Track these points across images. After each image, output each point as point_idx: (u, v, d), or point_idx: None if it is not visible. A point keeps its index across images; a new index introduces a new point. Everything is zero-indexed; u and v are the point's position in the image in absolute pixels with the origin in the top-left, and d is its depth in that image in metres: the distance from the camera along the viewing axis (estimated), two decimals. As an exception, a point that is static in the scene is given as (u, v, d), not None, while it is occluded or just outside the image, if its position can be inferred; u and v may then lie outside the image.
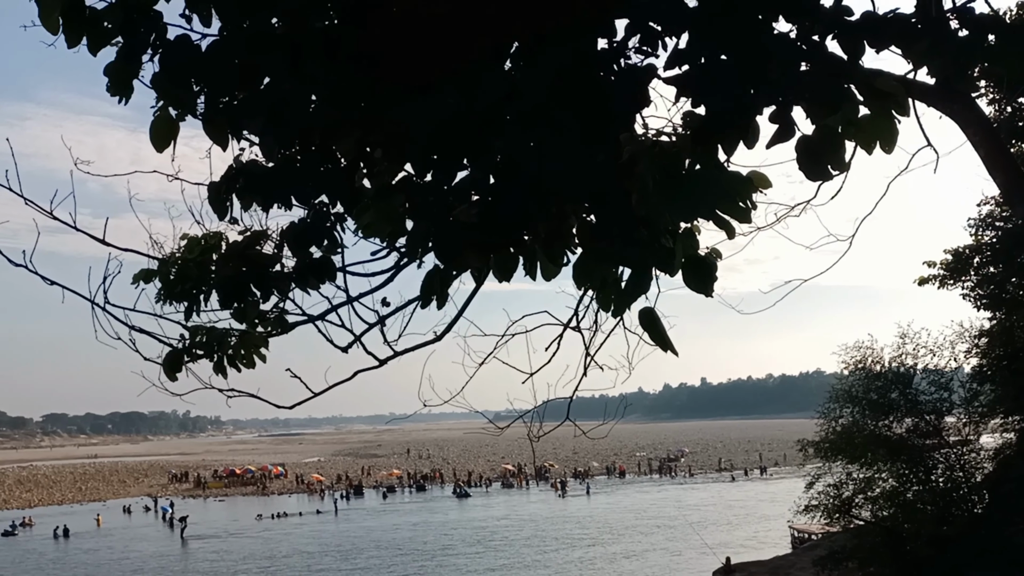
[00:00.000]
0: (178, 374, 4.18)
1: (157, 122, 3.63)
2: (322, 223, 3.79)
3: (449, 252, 3.31)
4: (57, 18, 3.41)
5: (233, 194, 3.73)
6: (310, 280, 3.95)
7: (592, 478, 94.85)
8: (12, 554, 55.50)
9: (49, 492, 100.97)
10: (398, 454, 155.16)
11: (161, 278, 4.11)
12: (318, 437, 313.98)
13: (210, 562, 50.47)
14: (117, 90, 3.54)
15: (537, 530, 57.52)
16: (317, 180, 3.57)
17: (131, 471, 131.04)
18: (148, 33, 3.40)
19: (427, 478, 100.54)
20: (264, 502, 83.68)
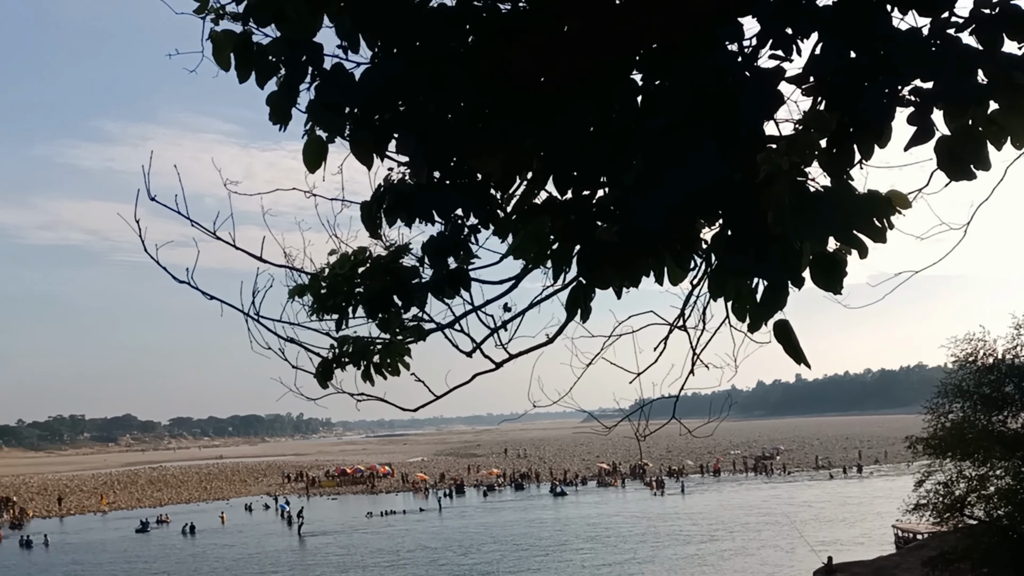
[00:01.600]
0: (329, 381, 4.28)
1: (309, 144, 3.71)
2: (458, 236, 3.86)
3: (592, 271, 3.33)
4: (229, 55, 3.57)
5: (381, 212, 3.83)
6: (446, 290, 4.04)
7: (686, 476, 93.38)
8: (146, 550, 57.38)
9: (177, 491, 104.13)
10: (496, 454, 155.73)
11: (312, 292, 4.22)
12: (421, 438, 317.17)
13: (327, 556, 51.43)
14: (277, 118, 3.65)
15: (648, 527, 56.98)
16: (458, 196, 3.66)
17: (251, 471, 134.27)
18: (307, 64, 3.51)
19: (525, 477, 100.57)
20: (373, 500, 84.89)
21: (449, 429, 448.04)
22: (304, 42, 3.50)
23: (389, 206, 3.78)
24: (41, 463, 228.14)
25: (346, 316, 4.18)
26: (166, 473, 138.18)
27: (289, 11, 3.43)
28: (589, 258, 3.31)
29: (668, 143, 3.09)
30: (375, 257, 4.16)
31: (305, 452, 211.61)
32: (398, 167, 3.80)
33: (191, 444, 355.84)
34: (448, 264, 3.97)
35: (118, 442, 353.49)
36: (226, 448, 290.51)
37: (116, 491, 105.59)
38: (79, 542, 62.61)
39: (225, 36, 3.58)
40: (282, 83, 3.58)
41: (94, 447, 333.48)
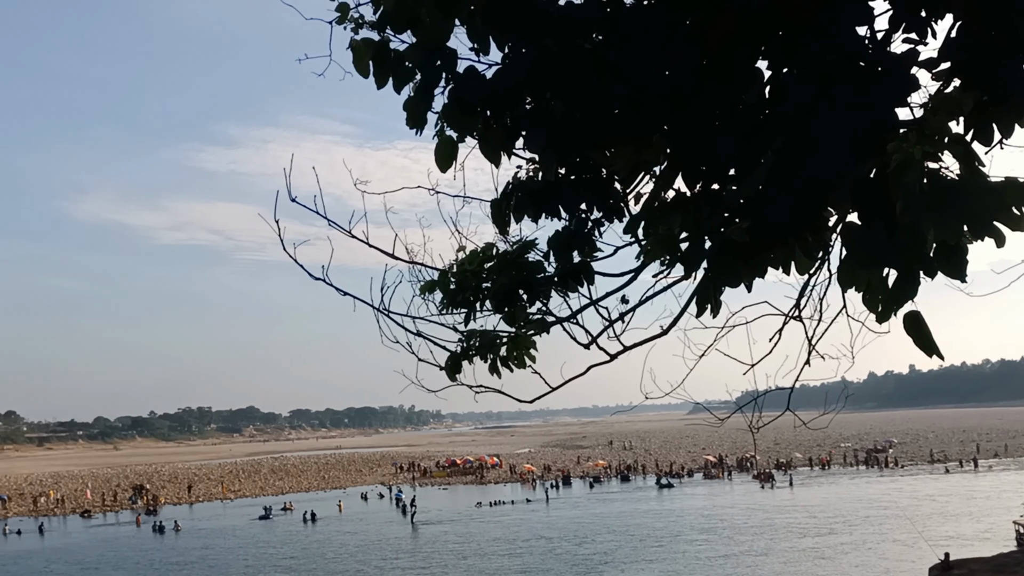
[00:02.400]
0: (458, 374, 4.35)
1: (441, 145, 3.77)
2: (582, 230, 3.90)
3: (723, 269, 3.29)
4: (368, 62, 3.65)
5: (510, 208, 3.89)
6: (570, 283, 4.07)
7: (795, 469, 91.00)
8: (271, 536, 59.05)
9: (298, 480, 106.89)
10: (601, 445, 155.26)
11: (442, 287, 4.29)
12: (527, 429, 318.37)
13: (445, 544, 51.91)
14: (414, 123, 3.70)
15: (763, 519, 55.91)
16: (584, 191, 3.68)
17: (366, 461, 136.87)
18: (441, 68, 3.56)
19: (631, 468, 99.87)
20: (482, 490, 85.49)
21: (555, 421, 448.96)
22: (438, 47, 3.54)
23: (517, 202, 3.83)
24: (171, 452, 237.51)
25: (474, 310, 4.24)
26: (286, 463, 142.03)
27: (423, 17, 3.49)
28: (720, 257, 3.27)
29: (799, 132, 3.00)
30: (502, 253, 4.20)
31: (416, 443, 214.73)
32: (526, 164, 3.84)
33: (309, 435, 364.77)
34: (573, 258, 4.00)
35: (242, 433, 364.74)
36: (342, 439, 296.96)
37: (240, 480, 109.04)
38: (207, 528, 64.83)
39: (364, 44, 3.67)
40: (417, 88, 3.64)
41: (220, 438, 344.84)
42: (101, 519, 75.96)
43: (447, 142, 3.76)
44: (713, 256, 3.31)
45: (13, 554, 55.32)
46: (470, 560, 46.12)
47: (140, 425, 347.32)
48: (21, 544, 60.34)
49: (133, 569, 47.81)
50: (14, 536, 64.02)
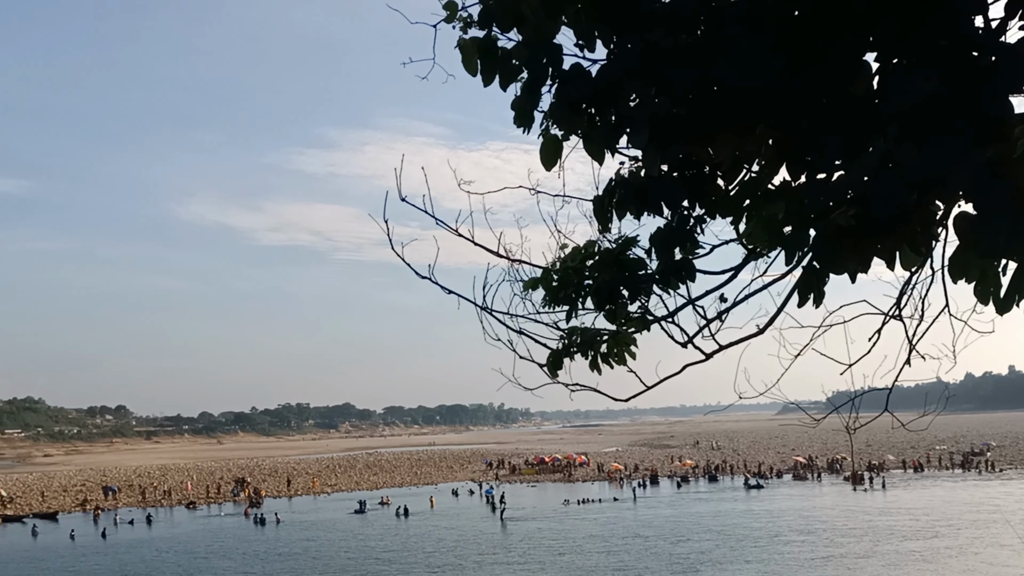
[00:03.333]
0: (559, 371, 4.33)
1: (546, 144, 3.74)
2: (684, 226, 3.83)
3: (828, 255, 3.19)
4: (475, 61, 3.64)
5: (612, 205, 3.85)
6: (671, 280, 4.01)
7: (887, 472, 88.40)
8: (367, 529, 59.94)
9: (391, 475, 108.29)
10: (689, 445, 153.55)
11: (544, 285, 4.27)
12: (615, 428, 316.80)
13: (540, 540, 51.87)
14: (521, 121, 3.69)
15: (863, 522, 54.40)
16: (686, 187, 3.62)
17: (456, 458, 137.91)
18: (548, 66, 3.54)
19: (719, 468, 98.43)
20: (569, 488, 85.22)
21: (643, 420, 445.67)
22: (544, 44, 3.52)
23: (620, 199, 3.79)
24: (271, 447, 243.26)
25: (576, 308, 4.22)
26: (380, 458, 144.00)
27: (528, 15, 3.47)
28: (826, 243, 3.17)
29: (912, 122, 2.90)
30: (604, 250, 4.16)
31: (506, 440, 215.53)
32: (628, 161, 3.79)
33: (402, 432, 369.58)
34: (674, 255, 3.94)
35: (338, 429, 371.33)
36: (434, 436, 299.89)
37: (336, 474, 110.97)
38: (306, 521, 66.13)
39: (472, 43, 3.67)
40: (524, 86, 3.62)
41: (317, 433, 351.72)
42: (205, 510, 78.07)
43: (552, 141, 3.73)
44: (818, 242, 3.22)
45: (126, 543, 57.26)
46: (567, 557, 45.99)
47: (242, 420, 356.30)
48: (133, 533, 62.43)
49: (240, 559, 48.96)
50: (126, 526, 66.22)
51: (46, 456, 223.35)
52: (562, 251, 4.31)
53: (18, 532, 65.49)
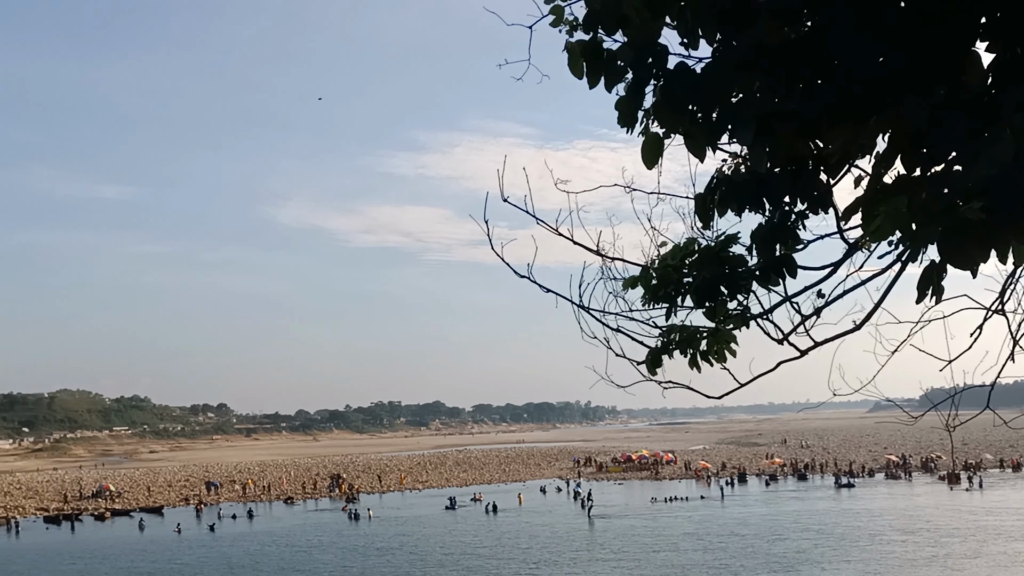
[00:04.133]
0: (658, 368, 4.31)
1: (648, 143, 3.70)
2: (786, 222, 3.77)
3: (956, 250, 3.06)
4: (581, 63, 3.63)
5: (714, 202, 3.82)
6: (771, 277, 3.96)
7: (984, 471, 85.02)
8: (458, 525, 60.37)
9: (480, 472, 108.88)
10: (777, 443, 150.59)
11: (643, 283, 4.22)
12: (702, 426, 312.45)
13: (633, 537, 51.46)
14: (625, 121, 3.66)
15: (969, 521, 52.56)
16: (791, 183, 3.59)
17: (544, 455, 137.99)
18: (652, 66, 3.51)
19: (808, 467, 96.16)
20: (656, 486, 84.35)
21: (730, 418, 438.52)
22: (649, 44, 3.50)
23: (722, 196, 3.75)
24: (364, 444, 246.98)
25: (675, 305, 4.18)
26: (470, 455, 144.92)
27: (632, 17, 3.45)
28: (953, 237, 3.04)
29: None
30: (704, 247, 4.10)
31: (592, 438, 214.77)
32: (729, 158, 3.77)
33: (491, 429, 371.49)
34: (775, 251, 3.88)
35: (428, 426, 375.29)
36: (521, 433, 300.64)
37: (427, 471, 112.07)
38: (399, 516, 66.86)
39: (578, 46, 3.65)
40: (628, 86, 3.59)
41: (408, 431, 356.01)
42: (302, 506, 79.59)
43: (654, 139, 3.68)
44: (945, 236, 3.08)
45: (230, 537, 58.70)
46: (663, 554, 45.51)
47: (337, 418, 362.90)
48: (236, 527, 63.93)
49: (339, 553, 49.64)
50: (229, 520, 67.83)
51: (152, 452, 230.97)
52: (660, 249, 4.27)
53: (127, 526, 67.74)
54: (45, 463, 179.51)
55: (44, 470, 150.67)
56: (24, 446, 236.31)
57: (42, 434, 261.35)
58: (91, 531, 66.25)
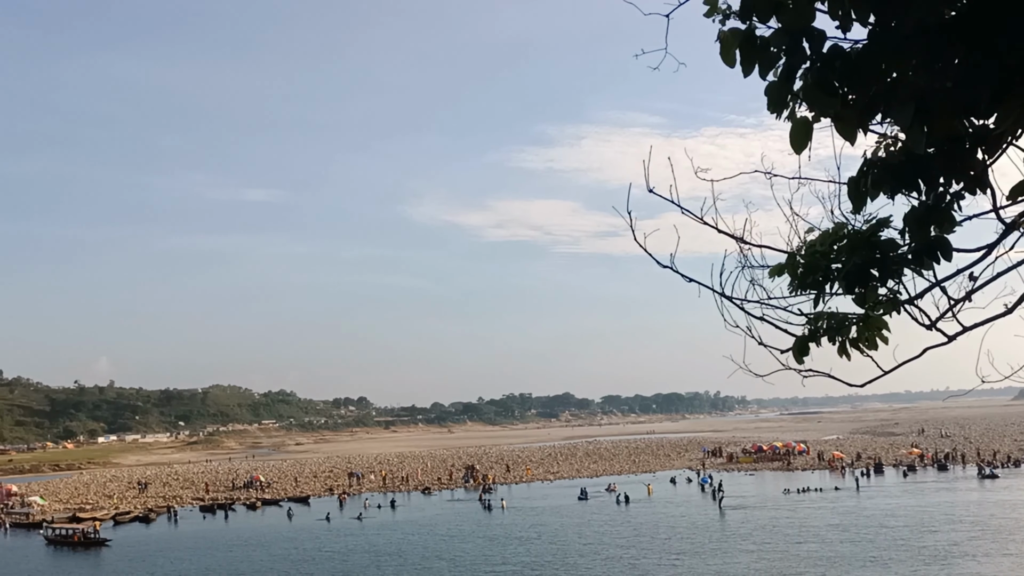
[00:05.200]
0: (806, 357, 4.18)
1: (796, 127, 3.60)
2: (940, 203, 3.61)
3: None
4: (734, 51, 3.58)
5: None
6: (924, 261, 3.79)
7: None
8: (594, 515, 60.28)
9: (610, 463, 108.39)
10: (914, 432, 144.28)
11: (790, 270, 4.10)
12: (835, 415, 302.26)
13: (774, 527, 50.49)
14: (775, 107, 3.58)
15: None
16: (947, 164, 3.45)
17: (673, 446, 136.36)
18: (807, 50, 3.44)
19: (948, 457, 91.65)
20: (788, 477, 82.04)
21: (864, 407, 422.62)
22: (805, 29, 3.41)
23: (875, 179, 3.62)
24: (496, 435, 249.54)
25: (823, 292, 4.04)
26: (599, 446, 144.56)
27: (786, 2, 3.38)
28: None
29: None
30: (853, 232, 3.95)
31: (722, 429, 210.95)
32: (881, 140, 3.64)
33: (620, 420, 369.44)
34: (929, 233, 3.70)
35: (559, 418, 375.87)
36: (650, 424, 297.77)
37: (558, 462, 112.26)
38: (532, 507, 67.18)
39: (732, 34, 3.60)
40: (781, 72, 3.51)
41: (539, 422, 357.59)
42: (439, 496, 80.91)
43: (803, 123, 3.58)
44: None
45: (374, 525, 60.26)
46: (807, 546, 44.34)
47: (470, 410, 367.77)
48: (379, 517, 65.47)
49: (480, 542, 50.28)
50: (374, 509, 69.43)
51: (297, 444, 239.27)
52: (807, 235, 4.14)
53: (276, 514, 70.37)
54: (200, 455, 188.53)
55: (198, 462, 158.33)
56: (180, 439, 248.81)
57: (197, 427, 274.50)
58: (243, 519, 69.13)
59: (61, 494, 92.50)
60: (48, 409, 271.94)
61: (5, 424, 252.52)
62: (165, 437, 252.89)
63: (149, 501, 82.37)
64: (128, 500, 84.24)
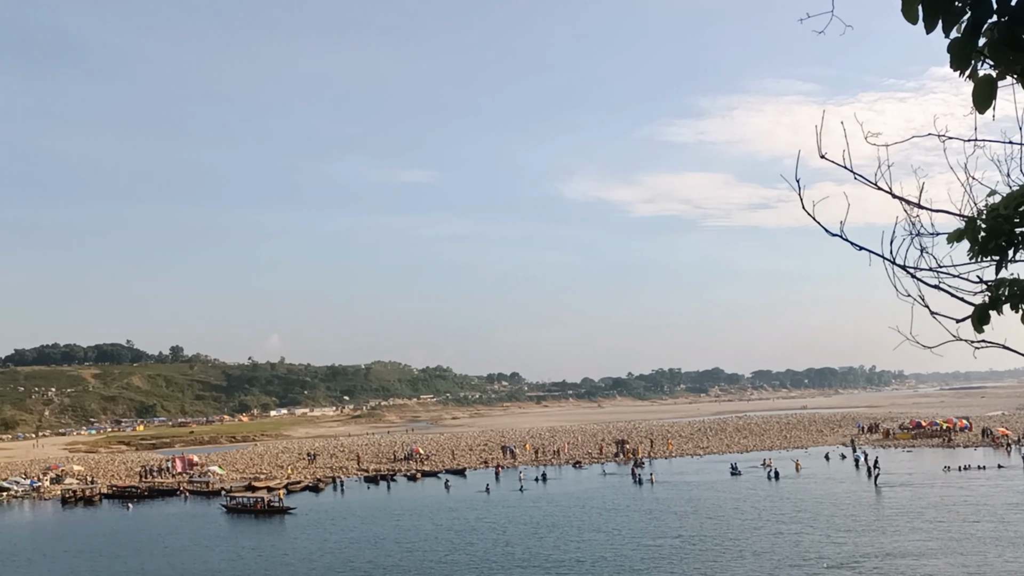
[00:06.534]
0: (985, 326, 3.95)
1: (979, 85, 3.42)
2: None
3: None
4: (916, 8, 3.40)
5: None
6: None
7: None
8: (746, 491, 59.15)
9: (760, 439, 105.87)
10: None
11: (969, 236, 3.89)
12: (1000, 390, 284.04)
13: (940, 507, 48.10)
14: (958, 64, 3.40)
15: None
16: None
17: (826, 421, 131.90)
18: (992, 4, 3.25)
19: None
20: (949, 454, 77.58)
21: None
22: None
23: None
24: (646, 410, 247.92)
25: (1006, 258, 3.83)
26: (750, 421, 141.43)
27: None
28: None
29: None
30: None
31: (878, 404, 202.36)
32: None
33: (770, 395, 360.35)
34: None
35: (708, 393, 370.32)
36: (801, 400, 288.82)
37: (708, 437, 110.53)
38: (684, 482, 66.36)
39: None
40: (965, 27, 3.32)
41: (688, 397, 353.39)
42: (589, 470, 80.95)
43: (986, 81, 3.39)
44: None
45: (531, 498, 60.95)
46: (983, 525, 42.04)
47: (619, 385, 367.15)
48: (534, 489, 65.90)
49: (635, 515, 49.98)
50: (530, 482, 69.86)
51: (454, 418, 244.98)
52: (989, 198, 3.91)
53: (434, 486, 72.13)
54: (362, 428, 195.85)
55: (361, 434, 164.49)
56: (345, 413, 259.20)
57: (360, 402, 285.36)
58: (404, 490, 71.23)
59: (237, 464, 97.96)
60: (225, 384, 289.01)
61: (187, 398, 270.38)
62: (331, 410, 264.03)
63: (317, 472, 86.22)
64: (298, 470, 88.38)
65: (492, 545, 43.00)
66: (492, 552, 41.01)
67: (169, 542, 48.48)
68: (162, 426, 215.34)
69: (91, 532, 54.55)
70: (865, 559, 35.84)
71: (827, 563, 35.30)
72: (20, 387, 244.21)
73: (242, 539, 48.69)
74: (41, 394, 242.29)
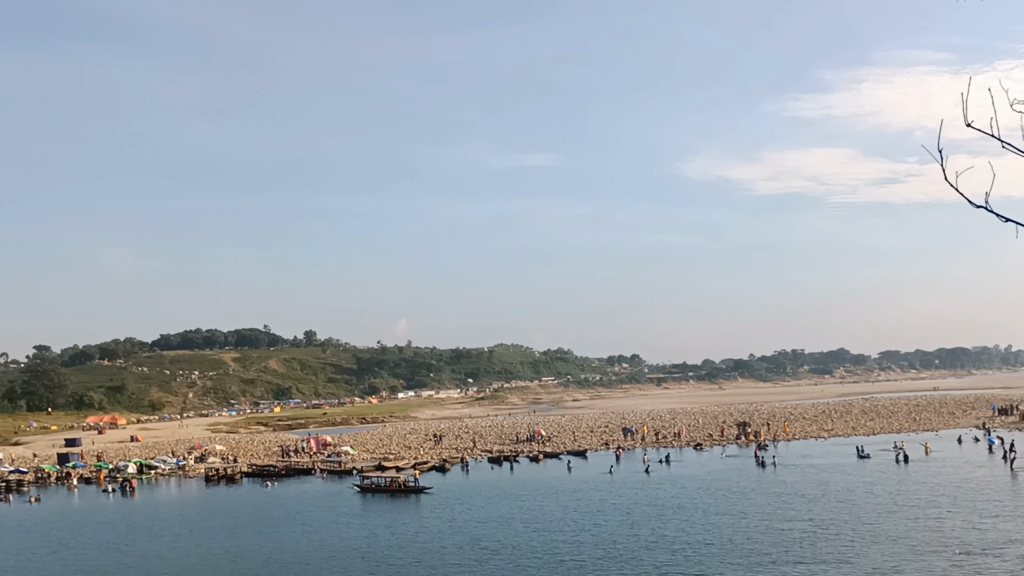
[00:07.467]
0: None
1: None
2: None
3: None
4: None
5: None
6: None
7: None
8: (876, 474, 57.60)
9: (888, 421, 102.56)
10: None
11: None
12: None
13: None
14: None
15: None
16: None
17: (958, 403, 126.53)
18: None
19: None
20: (1097, 437, 73.49)
21: None
22: None
23: None
24: (768, 392, 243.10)
25: None
26: (876, 403, 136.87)
27: None
28: None
29: None
30: None
31: (1014, 385, 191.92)
32: None
33: (898, 376, 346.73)
34: None
35: (832, 374, 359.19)
36: (931, 381, 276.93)
37: (832, 420, 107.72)
38: (808, 464, 65.14)
39: None
40: None
41: (812, 378, 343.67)
42: (710, 452, 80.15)
43: None
44: None
45: (655, 479, 60.94)
46: None
47: (741, 367, 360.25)
48: (657, 471, 65.59)
49: (763, 499, 49.33)
50: (655, 464, 69.40)
51: (574, 400, 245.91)
52: None
53: (557, 467, 72.76)
54: (486, 410, 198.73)
55: (484, 416, 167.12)
56: (469, 395, 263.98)
57: (483, 384, 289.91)
58: (527, 471, 72.03)
59: (368, 444, 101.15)
60: (355, 367, 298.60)
61: (320, 381, 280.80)
62: (456, 393, 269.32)
63: (443, 452, 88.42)
64: (425, 451, 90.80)
65: (618, 526, 43.17)
66: (618, 533, 41.29)
67: (306, 519, 50.64)
68: (297, 407, 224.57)
69: (233, 509, 57.30)
70: (1010, 545, 34.39)
71: (963, 549, 34.00)
72: (166, 370, 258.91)
73: (375, 517, 50.23)
74: (185, 377, 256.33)
